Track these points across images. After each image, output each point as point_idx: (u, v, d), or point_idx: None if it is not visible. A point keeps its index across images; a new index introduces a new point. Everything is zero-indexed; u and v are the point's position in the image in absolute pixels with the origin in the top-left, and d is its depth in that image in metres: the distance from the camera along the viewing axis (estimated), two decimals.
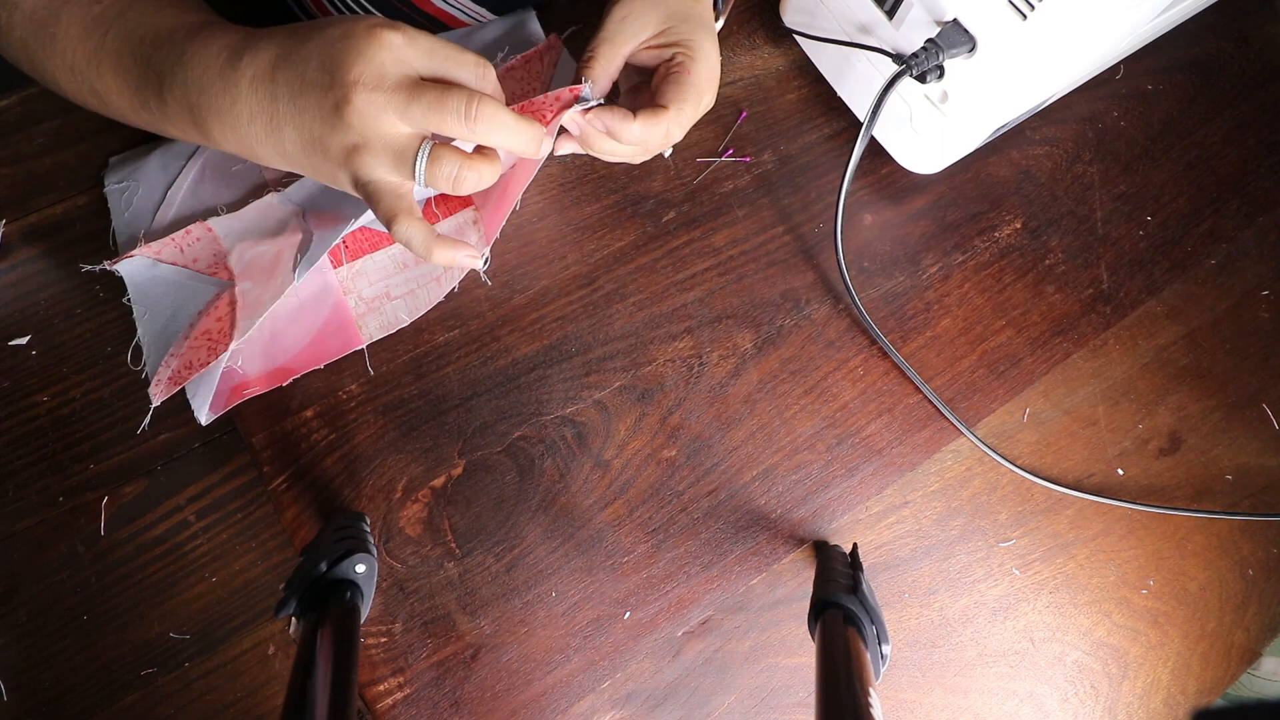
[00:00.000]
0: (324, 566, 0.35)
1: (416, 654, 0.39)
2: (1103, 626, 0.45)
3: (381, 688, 0.39)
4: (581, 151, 0.42)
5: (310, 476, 0.41)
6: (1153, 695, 0.44)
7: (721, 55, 0.53)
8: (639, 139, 0.39)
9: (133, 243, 0.42)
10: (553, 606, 0.41)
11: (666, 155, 0.49)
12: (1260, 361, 0.51)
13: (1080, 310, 0.50)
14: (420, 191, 0.42)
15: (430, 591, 0.40)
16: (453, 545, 0.41)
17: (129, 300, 0.42)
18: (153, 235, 0.42)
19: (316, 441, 0.42)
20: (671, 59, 0.41)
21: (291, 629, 0.41)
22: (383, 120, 0.31)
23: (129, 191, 0.45)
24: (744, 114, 0.51)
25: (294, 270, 0.40)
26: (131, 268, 0.42)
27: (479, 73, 0.34)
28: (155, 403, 0.39)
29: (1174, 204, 0.54)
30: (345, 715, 0.28)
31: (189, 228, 0.42)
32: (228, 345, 0.40)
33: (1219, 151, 0.56)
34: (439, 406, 0.43)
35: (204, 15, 0.37)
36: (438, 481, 0.42)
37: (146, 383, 0.43)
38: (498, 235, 0.45)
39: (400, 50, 0.31)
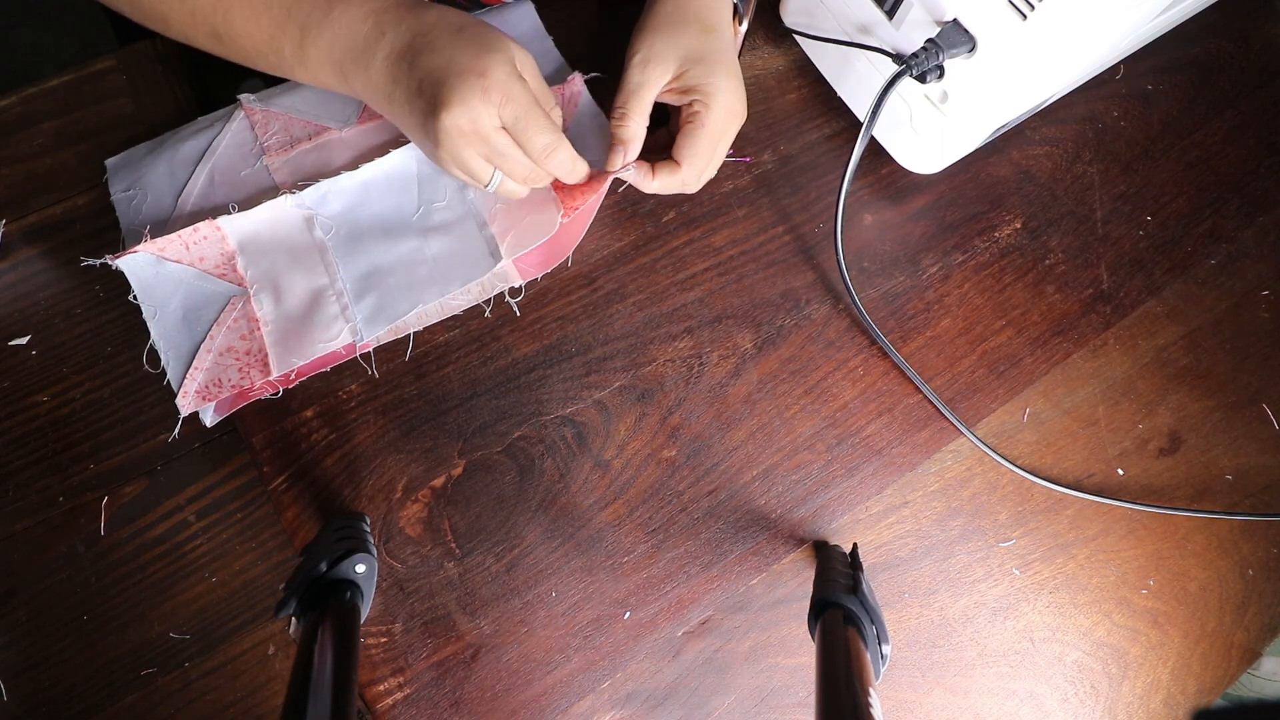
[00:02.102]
0: (324, 566, 0.35)
1: (416, 654, 0.39)
2: (1103, 626, 0.45)
3: (381, 688, 0.39)
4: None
5: (310, 476, 0.41)
6: (1153, 695, 0.44)
7: None
8: (660, 191, 0.44)
9: (139, 239, 0.42)
10: (553, 606, 0.41)
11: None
12: (1260, 361, 0.51)
13: (1080, 310, 0.50)
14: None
15: (430, 591, 0.40)
16: (453, 545, 0.41)
17: (134, 298, 0.42)
18: (160, 234, 0.42)
19: (316, 441, 0.42)
20: (690, 105, 0.43)
21: (291, 629, 0.41)
22: (465, 153, 0.38)
23: (137, 200, 0.44)
24: (730, 150, 0.51)
25: (348, 327, 0.42)
26: (135, 264, 0.42)
27: (543, 156, 0.39)
28: (184, 413, 0.40)
29: (1174, 204, 0.54)
30: (345, 715, 0.28)
31: (196, 225, 0.42)
32: (265, 374, 0.41)
33: (1219, 151, 0.56)
34: (439, 406, 0.43)
35: None
36: (438, 481, 0.42)
37: (152, 383, 0.43)
38: (537, 278, 0.45)
39: (495, 108, 0.37)
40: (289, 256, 0.43)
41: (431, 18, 0.38)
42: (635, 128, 0.43)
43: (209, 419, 0.41)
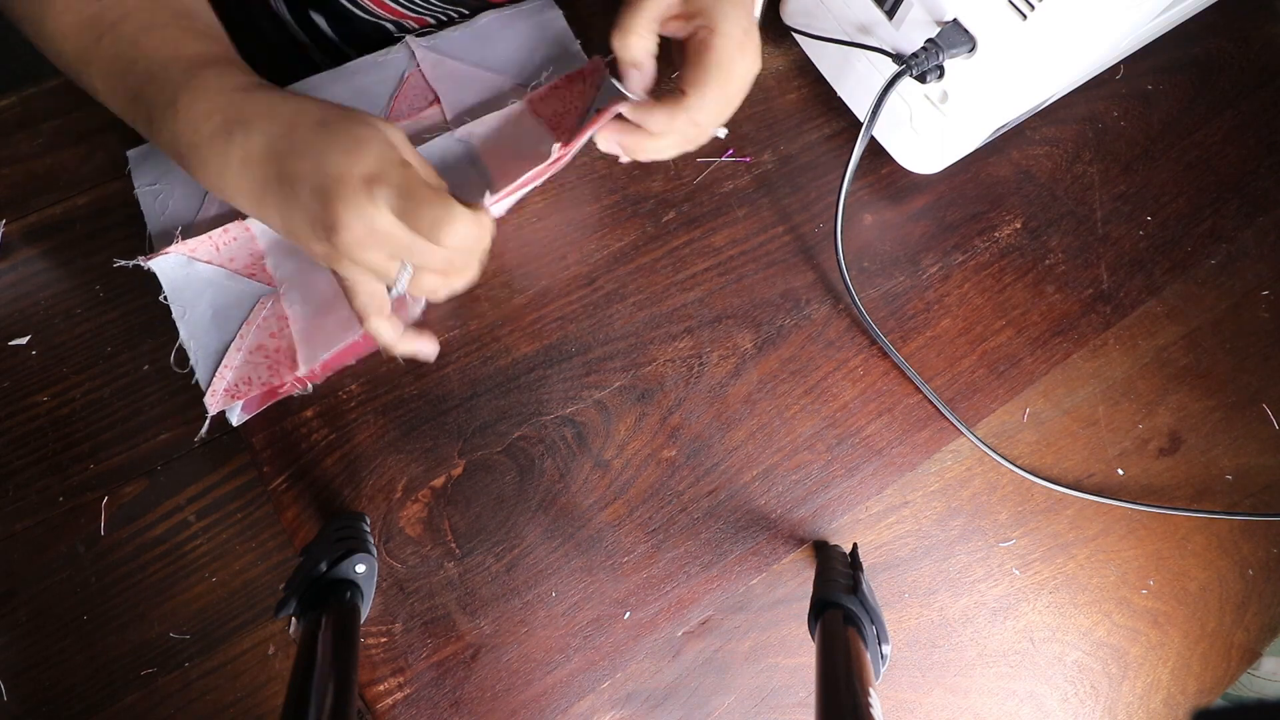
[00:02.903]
0: (324, 566, 0.35)
1: (416, 654, 0.39)
2: (1103, 626, 0.45)
3: (381, 688, 0.39)
4: (619, 152, 0.41)
5: (310, 476, 0.41)
6: (1153, 695, 0.44)
7: None
8: (665, 128, 0.39)
9: (168, 239, 0.42)
10: (553, 606, 0.41)
11: (721, 134, 0.42)
12: (1260, 361, 0.51)
13: (1080, 310, 0.50)
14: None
15: (430, 591, 0.40)
16: (453, 545, 0.41)
17: (165, 298, 0.42)
18: (190, 234, 0.42)
19: (316, 441, 0.42)
20: (695, 33, 0.39)
21: (291, 629, 0.41)
22: (369, 256, 0.34)
23: (163, 195, 0.44)
24: (730, 150, 0.51)
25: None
26: (166, 264, 0.42)
27: (435, 231, 0.33)
28: (212, 412, 0.40)
29: (1174, 204, 0.54)
30: (345, 715, 0.28)
31: (227, 226, 0.42)
32: (293, 371, 0.41)
33: (1219, 151, 0.56)
34: (439, 406, 0.43)
35: (201, 45, 0.36)
36: (438, 481, 0.42)
37: (151, 382, 0.43)
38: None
39: (385, 207, 0.32)
40: (325, 273, 0.43)
41: (287, 114, 0.34)
42: (639, 44, 0.38)
43: (235, 418, 0.41)
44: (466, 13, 0.51)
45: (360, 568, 0.36)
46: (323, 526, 0.39)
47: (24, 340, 0.43)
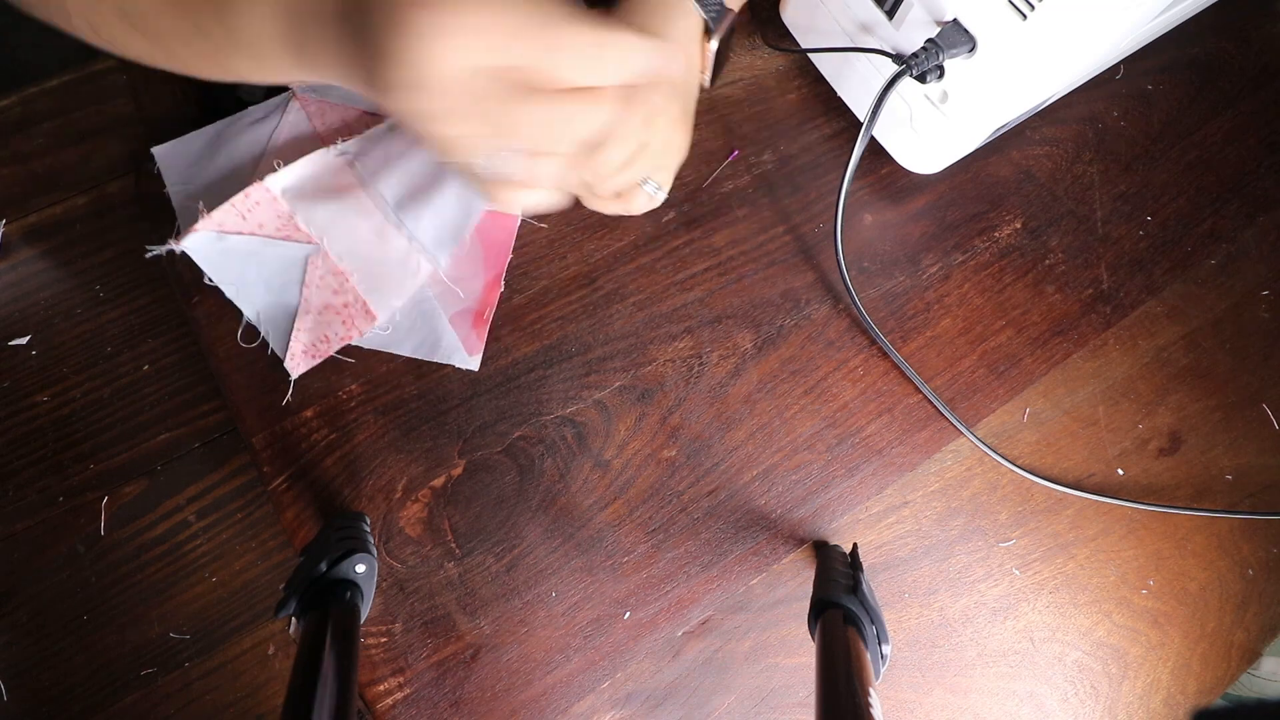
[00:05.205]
0: (324, 566, 0.35)
1: (416, 654, 0.39)
2: (1103, 626, 0.45)
3: (381, 688, 0.39)
4: None
5: (310, 476, 0.41)
6: (1153, 695, 0.44)
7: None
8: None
9: (193, 216, 0.41)
10: (553, 606, 0.41)
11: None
12: (1260, 361, 0.51)
13: (1080, 310, 0.50)
14: None
15: (430, 591, 0.40)
16: (453, 545, 0.41)
17: (210, 280, 0.42)
18: (211, 202, 0.42)
19: (316, 441, 0.42)
20: None
21: (291, 629, 0.41)
22: (457, 133, 0.25)
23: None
24: (735, 152, 0.51)
25: (425, 257, 0.42)
26: (198, 245, 0.41)
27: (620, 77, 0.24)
28: (294, 375, 0.41)
29: (1174, 204, 0.54)
30: (345, 715, 0.28)
31: (247, 190, 0.41)
32: (371, 319, 0.41)
33: (1219, 151, 0.56)
34: (439, 406, 0.43)
35: None
36: (438, 481, 0.42)
37: (151, 383, 0.43)
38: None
39: (483, 38, 0.23)
40: (338, 201, 0.43)
41: None
42: None
43: (294, 370, 0.41)
44: None
45: (360, 568, 0.36)
46: (323, 526, 0.39)
47: (24, 340, 0.43)
